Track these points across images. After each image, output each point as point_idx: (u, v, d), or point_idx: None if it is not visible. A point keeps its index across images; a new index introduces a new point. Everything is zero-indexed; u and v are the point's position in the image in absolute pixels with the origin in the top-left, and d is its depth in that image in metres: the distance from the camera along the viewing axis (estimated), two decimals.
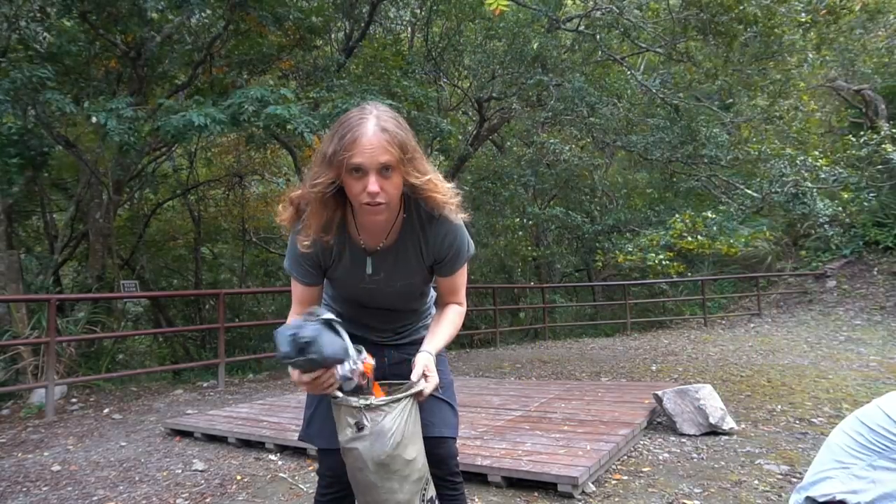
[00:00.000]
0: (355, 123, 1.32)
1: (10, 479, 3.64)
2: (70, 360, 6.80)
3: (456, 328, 1.60)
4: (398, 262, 1.52)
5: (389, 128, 1.32)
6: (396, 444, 1.35)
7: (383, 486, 1.37)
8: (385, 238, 1.49)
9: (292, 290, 1.59)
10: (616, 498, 2.87)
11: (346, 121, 1.35)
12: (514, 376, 7.02)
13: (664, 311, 14.03)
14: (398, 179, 1.35)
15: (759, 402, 4.82)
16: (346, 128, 1.32)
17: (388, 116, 1.35)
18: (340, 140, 1.31)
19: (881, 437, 1.74)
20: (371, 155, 1.29)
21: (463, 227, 1.53)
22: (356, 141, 1.30)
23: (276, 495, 3.16)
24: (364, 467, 1.36)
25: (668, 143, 9.52)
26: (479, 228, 13.82)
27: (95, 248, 8.51)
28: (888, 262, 11.90)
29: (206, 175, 13.78)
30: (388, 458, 1.35)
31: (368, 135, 1.30)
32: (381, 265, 1.52)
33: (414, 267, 1.54)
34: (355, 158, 1.30)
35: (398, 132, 1.33)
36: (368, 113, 1.34)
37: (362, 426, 1.34)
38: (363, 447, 1.34)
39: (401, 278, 1.54)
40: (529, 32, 8.87)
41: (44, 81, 6.05)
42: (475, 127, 11.20)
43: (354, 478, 1.41)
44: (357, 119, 1.33)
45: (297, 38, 8.64)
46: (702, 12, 7.20)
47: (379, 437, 1.34)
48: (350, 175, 1.33)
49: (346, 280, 1.55)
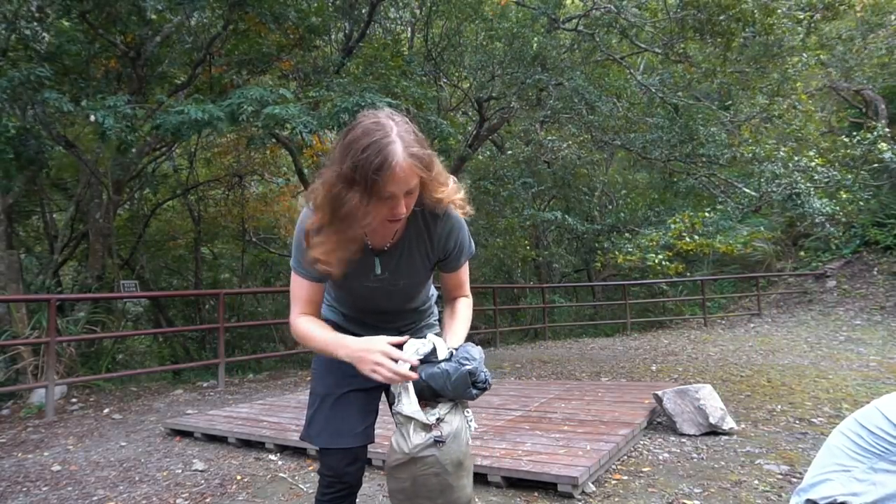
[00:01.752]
0: (382, 145, 1.25)
1: (10, 479, 3.64)
2: (70, 360, 6.80)
3: (469, 320, 1.63)
4: (403, 260, 1.52)
5: (416, 152, 1.30)
6: (468, 440, 1.43)
7: (458, 485, 1.41)
8: (391, 239, 1.49)
9: (294, 289, 1.54)
10: (616, 498, 2.87)
11: (371, 142, 1.25)
12: (514, 376, 7.02)
13: (664, 311, 14.03)
14: (417, 193, 1.36)
15: (759, 402, 4.82)
16: (372, 149, 1.24)
17: (412, 138, 1.31)
18: (367, 162, 1.24)
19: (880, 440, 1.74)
20: (404, 182, 1.28)
21: (464, 223, 1.55)
22: (388, 169, 1.24)
23: (276, 495, 3.16)
24: (442, 471, 1.37)
25: (666, 143, 9.52)
26: (478, 228, 13.82)
27: (95, 248, 8.50)
28: (888, 262, 11.90)
29: (205, 175, 13.78)
30: (464, 455, 1.41)
31: (401, 163, 1.25)
32: (387, 264, 1.52)
33: (419, 265, 1.54)
34: (388, 187, 1.27)
35: (424, 155, 1.32)
36: (391, 131, 1.27)
37: (442, 441, 1.36)
38: (441, 452, 1.37)
39: (406, 276, 1.55)
40: (529, 32, 8.86)
41: (42, 80, 6.05)
42: (475, 127, 11.19)
43: (427, 484, 1.38)
44: (381, 139, 1.25)
45: (297, 38, 8.64)
46: (699, 12, 7.21)
47: (455, 438, 1.38)
48: (379, 200, 1.30)
49: (352, 280, 1.54)
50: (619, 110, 9.23)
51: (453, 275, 1.62)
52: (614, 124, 9.53)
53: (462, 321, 1.60)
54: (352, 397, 1.61)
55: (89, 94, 7.15)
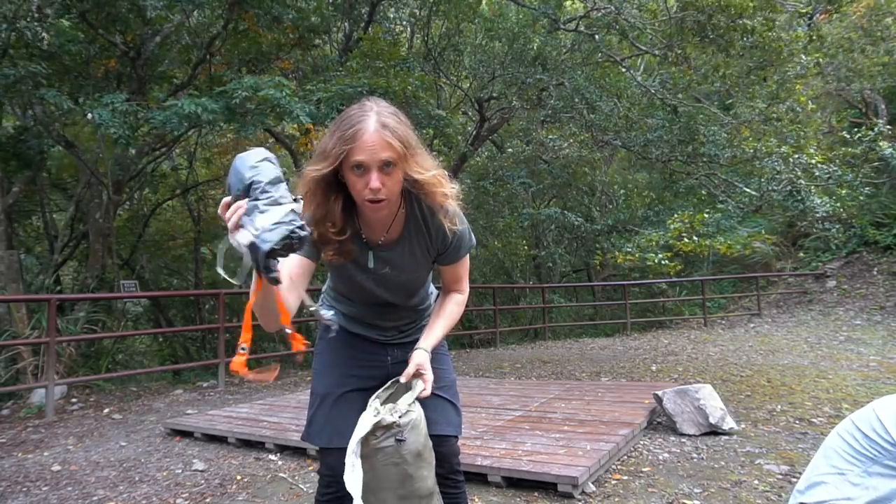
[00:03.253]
0: (356, 120, 1.31)
1: (10, 479, 3.64)
2: (70, 360, 6.80)
3: (453, 320, 1.61)
4: (404, 255, 1.52)
5: (390, 123, 1.31)
6: (426, 432, 1.45)
7: (418, 475, 1.43)
8: (386, 232, 1.49)
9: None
10: (616, 498, 2.87)
11: (346, 117, 1.34)
12: (514, 376, 7.01)
13: (664, 311, 14.03)
14: (399, 175, 1.35)
15: (759, 402, 4.82)
16: (346, 124, 1.31)
17: (388, 112, 1.34)
18: (342, 136, 1.30)
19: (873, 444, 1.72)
20: (372, 152, 1.29)
21: (463, 216, 1.54)
22: (357, 137, 1.29)
23: (276, 495, 3.16)
24: (401, 461, 1.40)
25: (666, 143, 9.53)
26: (478, 228, 13.81)
27: (95, 248, 8.50)
28: (888, 262, 11.90)
29: (205, 175, 13.78)
30: (423, 447, 1.44)
31: (370, 131, 1.29)
32: (387, 259, 1.51)
33: (419, 260, 1.54)
34: (357, 155, 1.29)
35: (399, 128, 1.32)
36: (369, 109, 1.33)
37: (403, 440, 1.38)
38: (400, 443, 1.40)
39: (406, 272, 1.55)
40: (530, 33, 8.87)
41: (39, 79, 6.04)
42: (475, 127, 11.20)
43: (388, 475, 1.41)
44: (358, 115, 1.32)
45: (297, 37, 8.64)
46: (699, 13, 7.20)
47: (414, 429, 1.41)
48: (352, 172, 1.32)
49: (348, 272, 1.54)
50: (620, 110, 9.22)
51: (451, 268, 1.60)
52: (615, 123, 9.53)
53: (443, 319, 1.59)
54: (352, 396, 1.60)
55: (89, 93, 7.15)
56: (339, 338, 1.68)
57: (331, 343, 1.68)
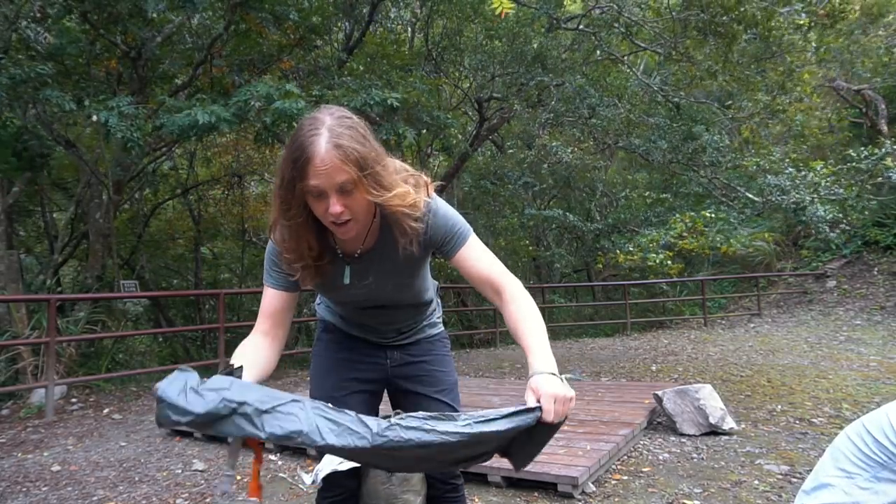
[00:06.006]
0: (307, 142, 1.19)
1: (10, 479, 3.64)
2: (70, 360, 6.80)
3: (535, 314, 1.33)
4: (383, 262, 1.44)
5: (343, 143, 1.18)
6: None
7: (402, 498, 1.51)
8: (362, 244, 1.41)
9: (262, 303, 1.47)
10: (616, 498, 2.87)
11: (297, 138, 1.21)
12: (514, 376, 7.01)
13: (664, 312, 14.02)
14: (361, 194, 1.23)
15: (759, 402, 4.82)
16: (297, 149, 1.19)
17: (343, 128, 1.21)
18: (294, 164, 1.20)
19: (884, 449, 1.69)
20: (327, 176, 1.18)
21: (443, 205, 1.41)
22: (309, 163, 1.17)
23: (276, 495, 3.16)
24: (387, 481, 1.48)
25: (668, 144, 9.53)
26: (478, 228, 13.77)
27: (95, 248, 8.50)
28: (888, 262, 11.90)
29: (205, 175, 13.78)
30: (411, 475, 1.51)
31: (321, 154, 1.17)
32: (366, 271, 1.45)
33: (402, 264, 1.45)
34: (311, 181, 1.19)
35: (354, 147, 1.19)
36: (321, 125, 1.20)
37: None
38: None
39: (391, 277, 1.48)
40: (530, 32, 8.86)
41: (44, 79, 6.04)
42: (475, 127, 11.19)
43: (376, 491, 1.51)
44: (309, 136, 1.19)
45: (298, 38, 8.64)
46: (702, 13, 7.21)
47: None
48: (311, 197, 1.23)
49: (330, 287, 1.49)
50: (621, 112, 9.22)
51: (464, 259, 1.41)
52: (616, 127, 9.53)
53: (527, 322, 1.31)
54: (352, 400, 1.60)
55: (91, 94, 7.15)
56: (336, 339, 1.66)
57: (329, 345, 1.66)
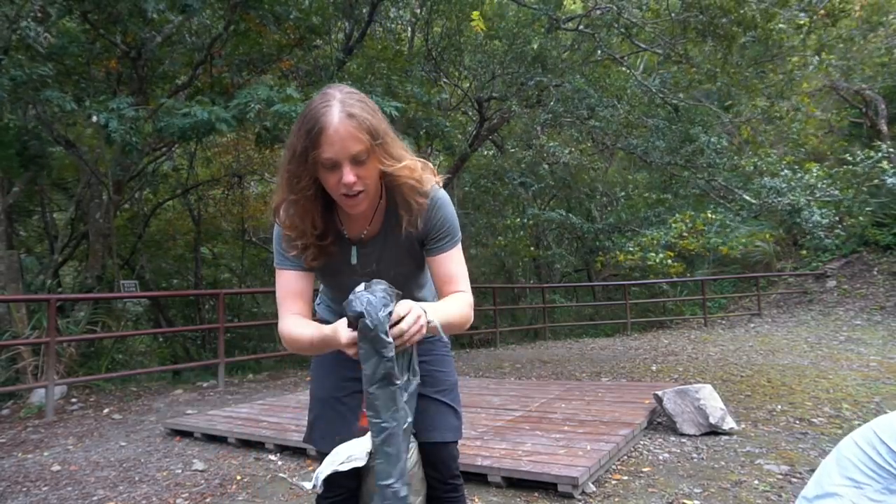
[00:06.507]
0: (319, 113, 1.23)
1: (10, 479, 3.64)
2: (70, 360, 6.80)
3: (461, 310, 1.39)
4: (388, 249, 1.45)
5: (356, 113, 1.23)
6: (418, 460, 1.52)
7: None
8: (368, 225, 1.43)
9: (279, 289, 1.47)
10: (616, 498, 2.87)
11: (309, 111, 1.25)
12: (514, 376, 7.01)
13: (664, 311, 14.03)
14: (374, 164, 1.28)
15: (759, 402, 4.82)
16: (310, 120, 1.23)
17: (353, 100, 1.26)
18: (308, 135, 1.23)
19: None
20: (341, 144, 1.22)
21: (449, 202, 1.44)
22: (323, 133, 1.21)
23: (276, 495, 3.16)
24: None
25: (667, 147, 9.54)
26: (479, 228, 13.82)
27: (95, 248, 8.50)
28: (888, 262, 11.90)
29: (205, 175, 13.78)
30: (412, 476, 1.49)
31: (335, 124, 1.21)
32: (371, 255, 1.46)
33: (407, 251, 1.46)
34: (325, 153, 1.22)
35: (366, 117, 1.24)
36: (332, 98, 1.25)
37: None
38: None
39: (394, 266, 1.48)
40: (529, 32, 8.86)
41: (44, 80, 6.04)
42: (475, 127, 11.19)
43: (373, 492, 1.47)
44: (321, 108, 1.24)
45: (298, 38, 8.64)
46: (702, 14, 7.21)
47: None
48: (323, 168, 1.26)
49: (333, 271, 1.49)
50: (620, 113, 9.22)
51: (442, 261, 1.43)
52: (615, 128, 9.53)
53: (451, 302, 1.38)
54: (353, 400, 1.59)
55: (91, 94, 7.15)
56: None
57: None
